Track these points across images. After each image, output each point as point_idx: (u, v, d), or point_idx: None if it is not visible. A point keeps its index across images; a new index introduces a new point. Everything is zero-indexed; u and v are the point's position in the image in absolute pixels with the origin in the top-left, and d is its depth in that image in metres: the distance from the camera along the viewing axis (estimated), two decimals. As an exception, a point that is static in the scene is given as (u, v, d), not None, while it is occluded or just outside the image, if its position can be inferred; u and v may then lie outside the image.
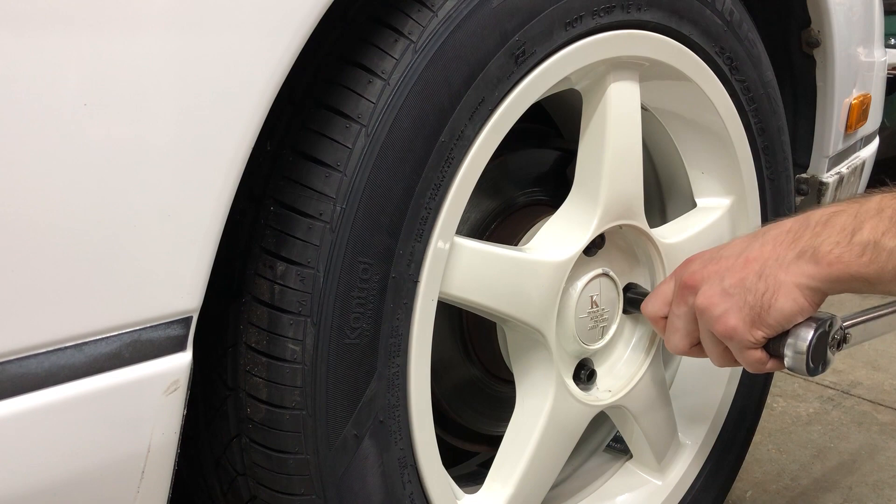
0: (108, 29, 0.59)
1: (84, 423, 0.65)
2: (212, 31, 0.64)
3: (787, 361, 0.85)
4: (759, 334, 0.83)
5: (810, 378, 0.88)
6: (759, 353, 0.85)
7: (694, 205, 1.21)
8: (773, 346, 0.86)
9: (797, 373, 0.86)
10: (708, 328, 0.86)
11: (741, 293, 0.82)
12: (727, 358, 0.88)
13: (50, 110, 0.58)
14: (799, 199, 1.38)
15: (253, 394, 0.80)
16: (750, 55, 1.14)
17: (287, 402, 0.78)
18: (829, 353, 0.86)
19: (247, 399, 0.80)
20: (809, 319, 0.84)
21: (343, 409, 0.80)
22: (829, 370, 0.91)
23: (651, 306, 0.96)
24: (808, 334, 0.83)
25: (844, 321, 0.89)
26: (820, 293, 0.80)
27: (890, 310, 1.00)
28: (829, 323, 0.85)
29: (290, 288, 0.76)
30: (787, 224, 0.83)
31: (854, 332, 0.90)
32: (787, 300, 0.80)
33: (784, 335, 0.85)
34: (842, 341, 0.88)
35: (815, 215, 0.81)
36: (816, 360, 0.84)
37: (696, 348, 0.91)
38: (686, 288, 0.88)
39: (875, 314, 0.97)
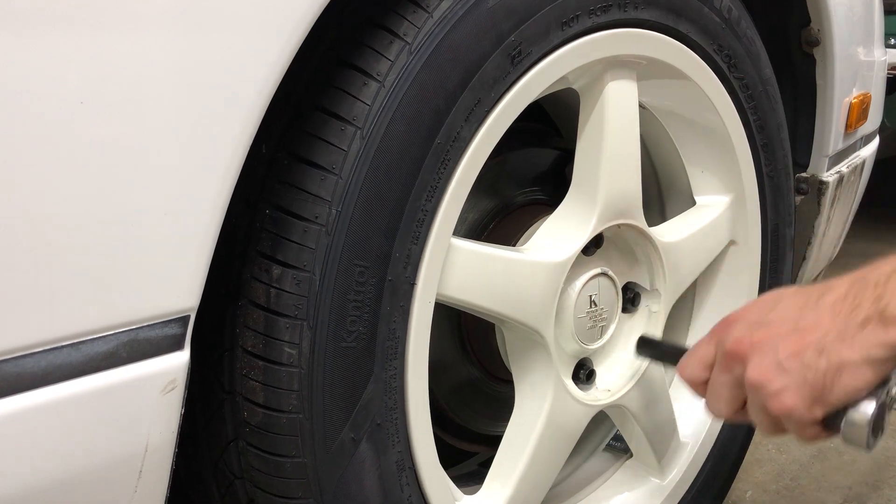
0: (105, 30, 0.59)
1: (81, 422, 0.64)
2: (208, 34, 0.64)
3: (844, 435, 0.78)
4: (819, 413, 0.77)
5: (868, 451, 0.81)
6: (816, 429, 0.79)
7: (693, 203, 1.21)
8: (830, 419, 0.78)
9: (855, 446, 0.78)
10: (761, 403, 0.80)
11: (800, 370, 0.76)
12: (778, 429, 0.81)
13: (46, 109, 0.58)
14: (799, 198, 1.37)
15: (250, 397, 0.79)
16: (749, 53, 1.13)
17: (284, 405, 0.78)
18: (886, 417, 0.78)
19: (243, 403, 0.80)
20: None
21: (340, 413, 0.80)
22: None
23: (690, 370, 0.88)
24: (868, 407, 0.76)
25: None
26: (891, 361, 0.74)
27: None
28: (888, 390, 0.77)
29: (286, 291, 0.76)
30: (841, 288, 0.76)
31: None
32: (852, 378, 0.74)
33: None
34: None
35: (873, 275, 0.74)
36: (877, 431, 0.77)
37: (742, 413, 0.84)
38: (733, 357, 0.81)
39: None
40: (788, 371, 0.76)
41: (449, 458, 1.12)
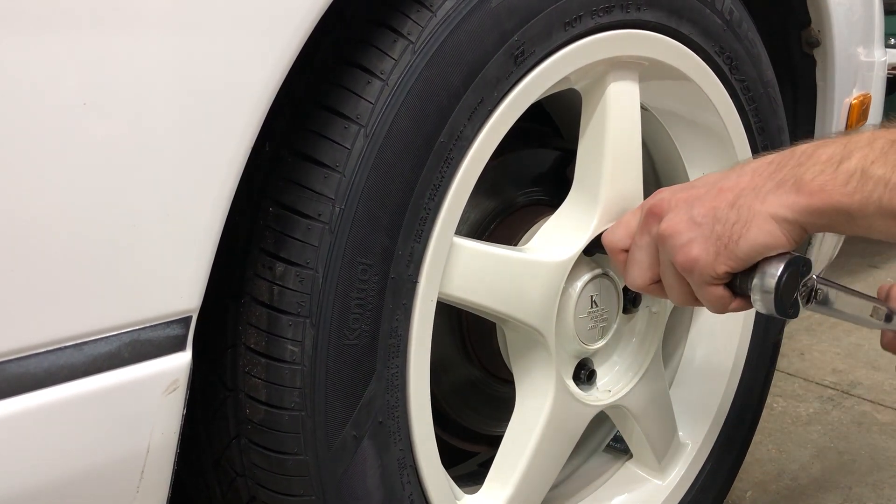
0: (107, 28, 0.59)
1: (83, 422, 0.65)
2: (211, 32, 0.64)
3: (753, 299, 0.78)
4: (723, 268, 0.77)
5: (780, 317, 0.78)
6: (721, 290, 0.79)
7: (694, 204, 1.21)
8: (740, 283, 0.78)
9: (765, 311, 0.78)
10: (669, 258, 0.80)
11: (710, 223, 0.76)
12: (687, 295, 0.81)
13: (48, 109, 0.58)
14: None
15: (252, 395, 0.80)
16: (750, 54, 1.14)
17: (286, 403, 0.78)
18: (798, 298, 0.78)
19: (246, 400, 0.80)
20: (780, 255, 0.77)
21: (342, 410, 0.80)
22: (828, 370, 0.86)
23: (612, 236, 0.88)
24: (777, 269, 0.76)
25: (819, 276, 0.81)
26: (798, 227, 0.75)
27: (864, 295, 0.89)
28: (802, 263, 0.77)
29: (289, 289, 0.76)
30: (769, 156, 0.78)
31: (826, 294, 0.81)
32: (760, 231, 0.74)
33: (751, 271, 0.78)
34: (812, 294, 0.80)
35: (801, 147, 0.76)
36: (786, 299, 0.76)
37: (657, 286, 0.85)
38: (651, 216, 0.82)
39: (849, 288, 0.87)
40: (699, 224, 0.77)
41: (450, 458, 1.13)
